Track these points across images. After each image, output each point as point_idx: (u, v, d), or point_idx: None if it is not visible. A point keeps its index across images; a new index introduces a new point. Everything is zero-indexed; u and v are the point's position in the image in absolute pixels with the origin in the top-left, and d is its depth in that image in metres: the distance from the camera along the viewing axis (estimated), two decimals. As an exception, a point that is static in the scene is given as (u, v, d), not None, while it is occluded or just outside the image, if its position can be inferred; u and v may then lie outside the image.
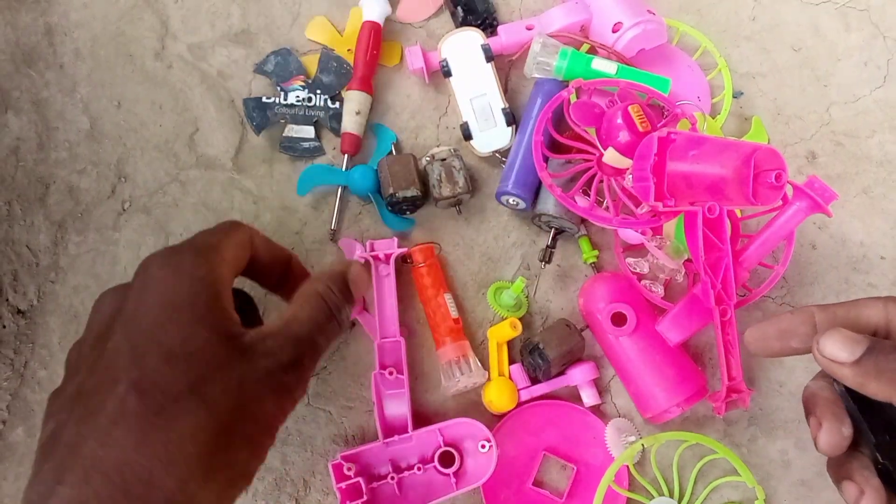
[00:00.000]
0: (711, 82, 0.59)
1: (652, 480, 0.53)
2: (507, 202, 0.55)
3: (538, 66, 0.56)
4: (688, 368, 0.51)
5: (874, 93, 0.59)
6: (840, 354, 0.31)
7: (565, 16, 0.57)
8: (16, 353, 0.57)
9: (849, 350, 0.31)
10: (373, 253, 0.54)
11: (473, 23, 0.59)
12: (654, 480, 0.53)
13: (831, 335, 0.32)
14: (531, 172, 0.54)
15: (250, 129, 0.59)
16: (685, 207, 0.46)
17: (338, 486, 0.49)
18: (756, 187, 0.41)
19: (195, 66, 0.61)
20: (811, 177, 0.48)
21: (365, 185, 0.56)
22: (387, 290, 0.54)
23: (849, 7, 0.60)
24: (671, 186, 0.45)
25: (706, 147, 0.44)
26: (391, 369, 0.51)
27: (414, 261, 0.55)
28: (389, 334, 0.53)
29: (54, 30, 0.62)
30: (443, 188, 0.55)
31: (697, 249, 0.46)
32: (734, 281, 0.47)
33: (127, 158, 0.60)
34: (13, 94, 0.61)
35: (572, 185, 0.52)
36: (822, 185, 0.48)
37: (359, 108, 0.58)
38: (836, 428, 0.33)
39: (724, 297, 0.47)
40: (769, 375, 0.54)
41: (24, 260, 0.58)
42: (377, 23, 0.59)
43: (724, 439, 0.53)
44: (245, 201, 0.59)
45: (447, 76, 0.57)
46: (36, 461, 0.33)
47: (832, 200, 0.47)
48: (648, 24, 0.54)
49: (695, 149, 0.44)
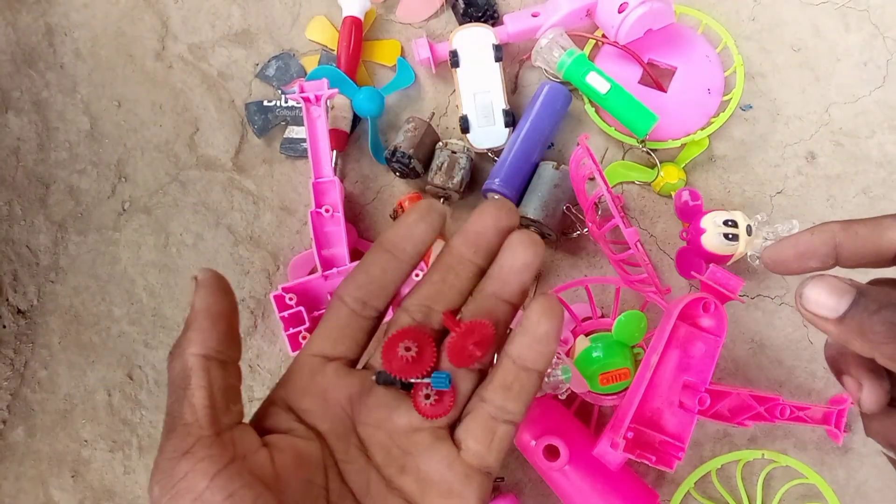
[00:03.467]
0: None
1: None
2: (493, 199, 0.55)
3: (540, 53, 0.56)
4: (636, 488, 0.49)
5: (874, 93, 0.59)
6: (822, 310, 0.29)
7: (571, 1, 0.57)
8: (16, 353, 0.57)
9: (832, 305, 0.29)
10: (303, 94, 0.54)
11: (475, 15, 0.59)
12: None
13: (815, 285, 0.30)
14: (520, 173, 0.54)
15: (251, 130, 0.60)
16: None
17: (280, 314, 0.52)
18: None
19: (195, 66, 0.61)
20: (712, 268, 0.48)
21: (368, 106, 0.57)
22: (319, 132, 0.55)
23: (848, 7, 0.60)
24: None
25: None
26: (327, 207, 0.53)
27: (404, 210, 0.55)
28: (324, 174, 0.54)
29: (55, 30, 0.62)
30: (438, 176, 0.55)
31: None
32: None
33: (127, 158, 0.60)
34: (13, 94, 0.61)
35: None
36: (724, 275, 0.48)
37: (332, 104, 0.58)
38: (877, 384, 0.32)
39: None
40: (768, 375, 0.55)
41: (24, 260, 0.58)
42: (357, 17, 0.59)
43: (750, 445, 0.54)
44: (245, 201, 0.59)
45: (454, 66, 0.57)
46: None
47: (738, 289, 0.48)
48: (655, 3, 0.54)
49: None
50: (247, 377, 0.57)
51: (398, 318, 0.31)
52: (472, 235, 0.30)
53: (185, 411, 0.26)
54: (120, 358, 0.58)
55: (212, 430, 0.26)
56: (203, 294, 0.29)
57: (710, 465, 0.52)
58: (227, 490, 0.25)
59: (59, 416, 0.57)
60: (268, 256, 0.58)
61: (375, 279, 0.30)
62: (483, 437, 0.29)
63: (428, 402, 0.29)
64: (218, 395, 0.27)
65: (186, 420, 0.26)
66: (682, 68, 0.58)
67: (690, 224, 0.54)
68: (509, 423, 0.29)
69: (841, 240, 0.32)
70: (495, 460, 0.29)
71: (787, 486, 0.53)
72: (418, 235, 0.30)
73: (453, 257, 0.31)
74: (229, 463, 0.26)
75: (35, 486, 0.56)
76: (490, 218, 0.30)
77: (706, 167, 0.58)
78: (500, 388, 0.29)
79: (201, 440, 0.26)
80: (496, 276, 0.30)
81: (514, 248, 0.30)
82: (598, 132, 0.58)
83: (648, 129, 0.54)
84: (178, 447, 0.26)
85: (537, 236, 0.30)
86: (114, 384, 0.57)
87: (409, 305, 0.31)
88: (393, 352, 0.29)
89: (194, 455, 0.25)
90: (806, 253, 0.33)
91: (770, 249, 0.35)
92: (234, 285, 0.58)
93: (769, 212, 0.57)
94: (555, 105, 0.56)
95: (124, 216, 0.59)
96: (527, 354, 0.29)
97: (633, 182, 0.58)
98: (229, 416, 0.27)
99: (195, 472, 0.25)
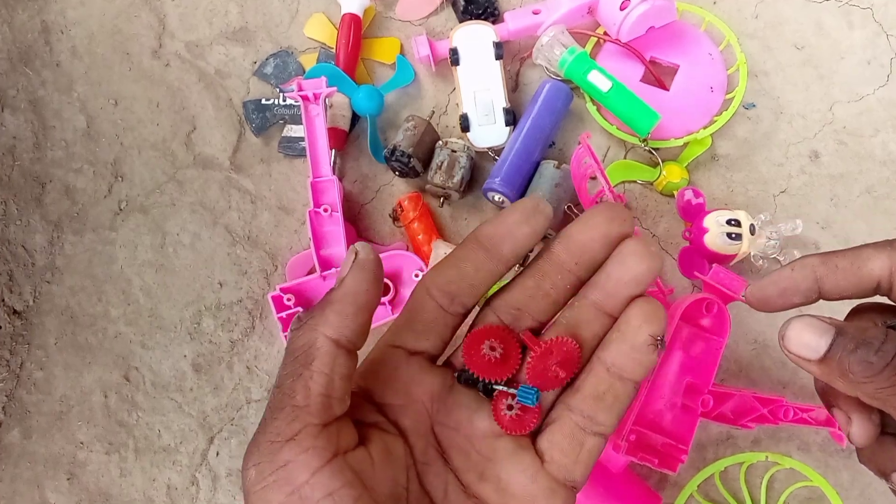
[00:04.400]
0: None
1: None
2: (493, 199, 0.55)
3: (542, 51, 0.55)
4: (638, 491, 0.48)
5: (878, 91, 0.58)
6: (803, 351, 0.29)
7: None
8: (12, 354, 0.57)
9: (813, 345, 0.28)
10: (302, 93, 0.54)
11: (475, 12, 0.59)
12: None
13: (795, 326, 0.29)
14: (521, 172, 0.54)
15: (248, 129, 0.59)
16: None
17: (279, 315, 0.52)
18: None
19: (193, 64, 0.61)
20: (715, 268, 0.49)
21: (368, 105, 0.57)
22: (318, 131, 0.54)
23: (852, 5, 0.60)
24: None
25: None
26: (326, 206, 0.53)
27: (403, 209, 0.55)
28: (322, 174, 0.54)
29: (51, 28, 0.62)
30: (438, 175, 0.54)
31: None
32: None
33: (124, 157, 0.59)
34: (9, 92, 0.60)
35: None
36: (727, 275, 0.48)
37: (331, 102, 0.58)
38: (866, 418, 0.31)
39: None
40: (771, 376, 0.54)
41: (20, 260, 0.58)
42: (356, 15, 0.59)
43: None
44: (243, 201, 0.58)
45: (454, 64, 0.57)
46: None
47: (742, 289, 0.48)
48: (657, 0, 0.54)
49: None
50: (244, 379, 0.56)
51: (485, 317, 0.28)
52: (576, 245, 0.28)
53: (298, 392, 0.24)
54: (116, 359, 0.57)
55: (321, 420, 0.24)
56: (359, 277, 0.26)
57: (713, 468, 0.52)
58: (328, 488, 0.23)
59: (54, 418, 0.57)
60: (266, 256, 0.58)
61: (467, 276, 0.28)
62: (570, 450, 0.27)
63: (510, 413, 0.26)
64: (338, 384, 0.25)
65: (298, 402, 0.24)
66: (684, 66, 0.57)
67: (693, 224, 0.53)
68: (599, 436, 0.27)
69: (821, 274, 0.32)
70: (581, 475, 0.27)
71: (791, 488, 0.52)
72: (520, 238, 0.28)
73: (552, 265, 0.28)
74: (332, 458, 0.24)
75: (31, 489, 0.56)
76: (600, 226, 0.27)
77: (709, 166, 0.57)
78: (590, 398, 0.27)
79: (309, 428, 0.24)
80: (601, 287, 0.28)
81: (625, 259, 0.27)
82: (600, 131, 0.58)
83: (650, 127, 0.54)
84: (284, 431, 0.24)
85: (654, 248, 0.28)
86: (110, 385, 0.57)
87: (497, 306, 0.29)
88: (476, 348, 0.26)
89: (299, 444, 0.24)
90: (788, 289, 0.33)
91: (753, 289, 0.34)
92: (232, 286, 0.57)
93: (772, 211, 0.56)
94: (556, 103, 0.56)
95: (121, 216, 0.58)
96: (623, 364, 0.27)
97: (636, 181, 0.57)
98: (340, 408, 0.25)
99: (297, 464, 0.23)
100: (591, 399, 0.27)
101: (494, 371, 0.27)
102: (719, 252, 0.51)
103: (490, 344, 0.26)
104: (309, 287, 0.54)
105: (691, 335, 0.47)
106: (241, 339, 0.57)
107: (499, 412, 0.27)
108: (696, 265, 0.52)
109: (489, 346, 0.26)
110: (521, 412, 0.26)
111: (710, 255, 0.52)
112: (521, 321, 0.28)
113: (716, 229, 0.51)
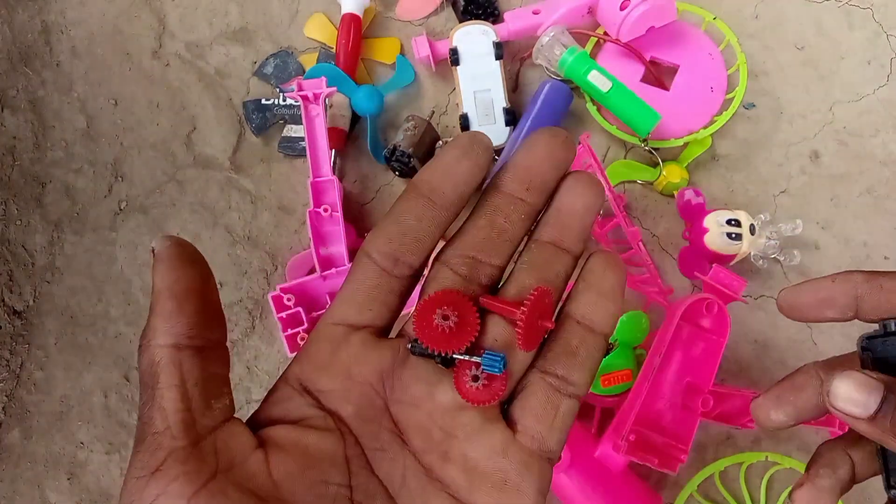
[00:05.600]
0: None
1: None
2: None
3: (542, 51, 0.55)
4: (638, 491, 0.48)
5: (878, 91, 0.58)
6: (852, 408, 0.27)
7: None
8: (12, 354, 0.57)
9: (862, 402, 0.27)
10: (302, 93, 0.53)
11: (475, 12, 0.59)
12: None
13: (843, 381, 0.27)
14: None
15: (248, 129, 0.59)
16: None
17: (279, 315, 0.52)
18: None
19: (193, 64, 0.61)
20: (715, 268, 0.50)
21: (368, 105, 0.57)
22: (318, 131, 0.54)
23: (852, 5, 0.60)
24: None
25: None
26: (326, 206, 0.53)
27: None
28: (322, 174, 0.54)
29: (51, 28, 0.62)
30: None
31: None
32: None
33: (124, 158, 0.59)
34: (9, 92, 0.60)
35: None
36: (727, 275, 0.49)
37: (331, 102, 0.58)
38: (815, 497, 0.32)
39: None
40: (772, 376, 0.54)
41: (19, 260, 0.58)
42: (356, 15, 0.59)
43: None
44: (243, 201, 0.58)
45: (455, 65, 0.57)
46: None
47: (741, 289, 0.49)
48: (657, 0, 0.54)
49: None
50: (244, 379, 0.56)
51: (437, 274, 0.25)
52: (521, 170, 0.25)
53: (155, 417, 0.22)
54: (116, 359, 0.57)
55: (187, 440, 0.22)
56: (163, 270, 0.23)
57: (713, 468, 0.52)
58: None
59: (55, 418, 0.57)
60: (266, 256, 0.58)
61: (409, 230, 0.25)
62: (544, 415, 0.24)
63: (475, 385, 0.24)
64: (194, 392, 0.22)
65: (157, 428, 0.22)
66: (684, 66, 0.57)
67: (693, 224, 0.53)
68: (573, 398, 0.25)
69: (863, 291, 0.30)
70: (557, 443, 0.25)
71: (790, 488, 0.52)
72: (461, 175, 0.25)
73: (501, 196, 0.25)
74: (209, 480, 0.21)
75: (31, 489, 0.56)
76: (544, 147, 0.25)
77: (709, 166, 0.57)
78: (563, 355, 0.25)
79: (174, 454, 0.21)
80: (554, 222, 0.26)
81: (573, 189, 0.25)
82: (600, 131, 0.58)
83: (651, 127, 0.54)
84: (149, 463, 0.21)
85: (596, 176, 0.26)
86: (110, 385, 0.57)
87: (449, 257, 0.26)
88: (427, 320, 0.23)
89: (166, 473, 0.21)
90: (825, 301, 0.31)
91: (787, 292, 0.32)
92: (232, 286, 0.57)
93: (773, 211, 0.56)
94: (556, 103, 0.56)
95: (121, 216, 0.58)
96: (593, 313, 0.25)
97: (636, 181, 0.57)
98: (210, 417, 0.23)
99: (167, 496, 0.21)
100: (564, 356, 0.25)
101: (450, 342, 0.24)
102: (719, 252, 0.51)
103: (442, 313, 0.23)
104: (309, 287, 0.54)
105: (691, 335, 0.47)
106: (241, 339, 0.57)
107: (462, 383, 0.24)
108: (696, 265, 0.52)
109: (441, 315, 0.23)
110: (486, 381, 0.24)
111: (711, 255, 0.52)
112: (478, 270, 0.25)
113: (716, 229, 0.51)
